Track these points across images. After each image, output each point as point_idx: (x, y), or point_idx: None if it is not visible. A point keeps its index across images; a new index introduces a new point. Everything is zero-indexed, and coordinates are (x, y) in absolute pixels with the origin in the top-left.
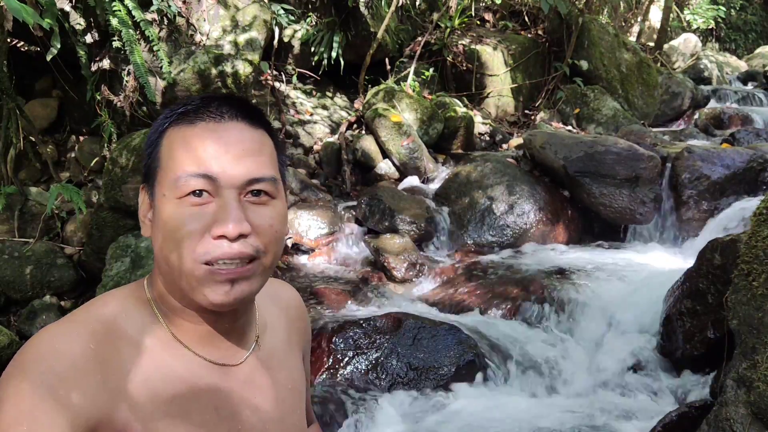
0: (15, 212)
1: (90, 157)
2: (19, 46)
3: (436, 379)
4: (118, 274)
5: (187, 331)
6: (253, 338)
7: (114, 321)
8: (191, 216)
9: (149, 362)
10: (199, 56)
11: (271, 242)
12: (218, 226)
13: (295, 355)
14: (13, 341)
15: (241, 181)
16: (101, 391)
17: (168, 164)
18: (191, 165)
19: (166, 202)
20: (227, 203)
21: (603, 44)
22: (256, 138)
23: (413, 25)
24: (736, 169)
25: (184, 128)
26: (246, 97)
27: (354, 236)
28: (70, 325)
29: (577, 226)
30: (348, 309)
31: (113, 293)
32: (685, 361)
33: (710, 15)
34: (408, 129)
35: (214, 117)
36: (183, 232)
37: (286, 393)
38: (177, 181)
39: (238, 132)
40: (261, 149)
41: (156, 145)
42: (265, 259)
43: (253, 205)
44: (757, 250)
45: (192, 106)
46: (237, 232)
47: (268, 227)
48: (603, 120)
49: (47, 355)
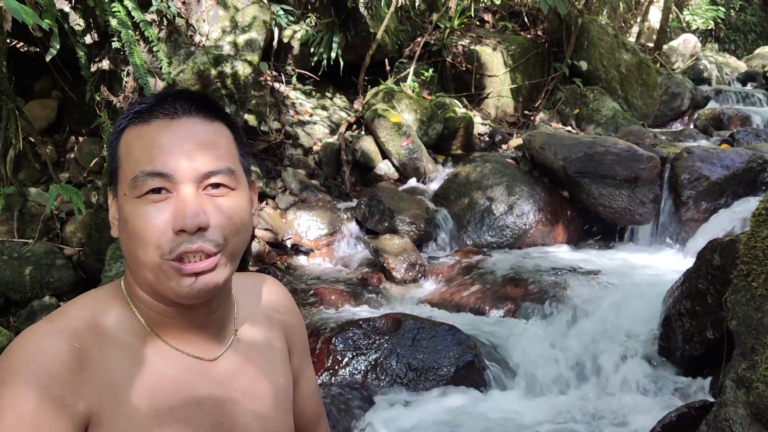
0: (14, 213)
1: (89, 157)
2: (18, 46)
3: (435, 380)
4: (117, 275)
5: (165, 326)
6: (231, 331)
7: (94, 319)
8: (152, 213)
9: (132, 359)
10: (198, 57)
11: (233, 232)
12: (177, 221)
13: (277, 349)
14: None
15: (196, 176)
16: (90, 389)
17: (126, 164)
18: (147, 164)
19: (127, 202)
20: (184, 198)
21: (602, 45)
22: (210, 131)
23: (413, 26)
24: (735, 170)
25: (139, 127)
26: (198, 92)
27: (353, 237)
28: (52, 324)
29: (576, 226)
30: (347, 309)
31: (91, 293)
32: (684, 361)
33: (710, 15)
34: (407, 129)
35: (167, 113)
36: (145, 230)
37: (267, 387)
38: (135, 181)
39: (192, 126)
40: (216, 142)
41: (115, 146)
42: (227, 251)
43: (211, 197)
44: (757, 251)
45: (146, 104)
46: (195, 225)
47: (227, 219)
48: (602, 120)
49: (36, 355)
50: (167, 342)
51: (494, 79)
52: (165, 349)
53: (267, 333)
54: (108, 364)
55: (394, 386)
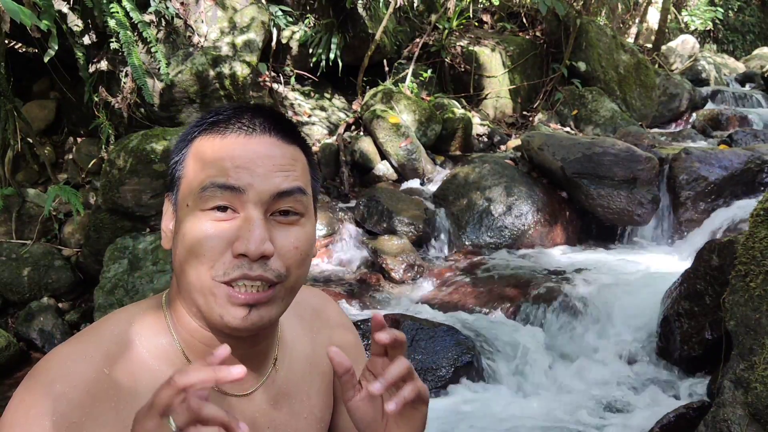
0: (13, 214)
1: (88, 158)
2: (16, 47)
3: (434, 380)
4: (115, 276)
5: (203, 354)
6: (271, 362)
7: (129, 342)
8: (214, 231)
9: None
10: (197, 58)
11: (295, 264)
12: (240, 244)
13: (318, 375)
14: (11, 343)
15: (268, 195)
16: (114, 417)
17: (194, 174)
18: (219, 176)
19: (188, 213)
20: (252, 220)
21: (601, 46)
22: (287, 154)
23: (411, 27)
24: (733, 171)
25: (214, 138)
26: (278, 111)
27: (352, 237)
28: (82, 346)
29: (575, 227)
30: (346, 310)
31: (129, 309)
32: (682, 362)
33: (708, 16)
34: (406, 130)
35: (245, 129)
36: (204, 247)
37: (300, 423)
38: (203, 192)
39: (270, 146)
40: (292, 165)
41: (184, 154)
42: (287, 283)
43: (279, 224)
44: (755, 251)
45: (223, 115)
46: (259, 253)
47: (293, 249)
48: (601, 121)
49: (59, 378)
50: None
51: (493, 80)
52: None
53: (308, 358)
54: (137, 393)
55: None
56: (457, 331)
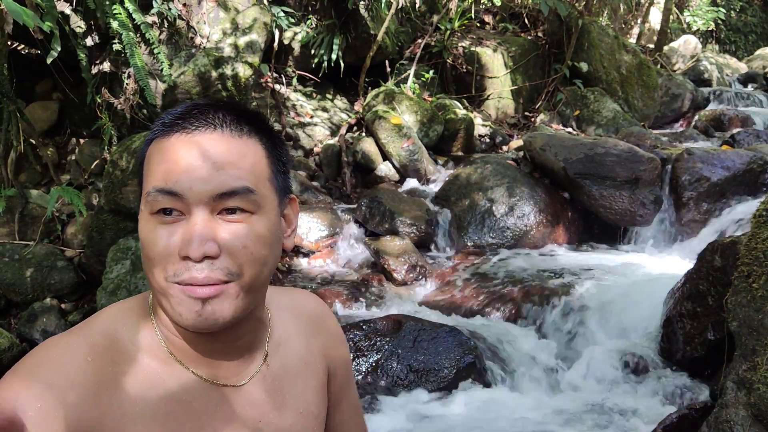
0: (15, 215)
1: (90, 159)
2: (19, 48)
3: (436, 381)
4: (118, 277)
5: (183, 348)
6: (261, 357)
7: (115, 333)
8: (161, 234)
9: (145, 380)
10: (199, 59)
11: (247, 263)
12: (183, 247)
13: (312, 373)
14: (14, 344)
15: (209, 197)
16: (90, 404)
17: (146, 179)
18: (160, 181)
19: (142, 218)
20: (193, 222)
21: (603, 46)
22: (234, 148)
23: (413, 28)
24: (736, 171)
25: (161, 140)
26: (235, 102)
27: (354, 238)
28: (71, 337)
29: (577, 227)
30: (348, 311)
31: (119, 304)
32: (685, 362)
33: (710, 17)
34: (408, 131)
35: (188, 127)
36: (154, 251)
37: (294, 417)
38: (147, 197)
39: (213, 143)
40: (239, 161)
41: (142, 159)
42: (242, 281)
43: (226, 223)
44: (757, 252)
45: (171, 115)
46: (200, 254)
47: (241, 248)
48: (603, 122)
49: (44, 366)
50: (187, 366)
51: (494, 81)
52: (183, 374)
53: (302, 357)
54: (119, 383)
55: (395, 388)
56: (459, 332)
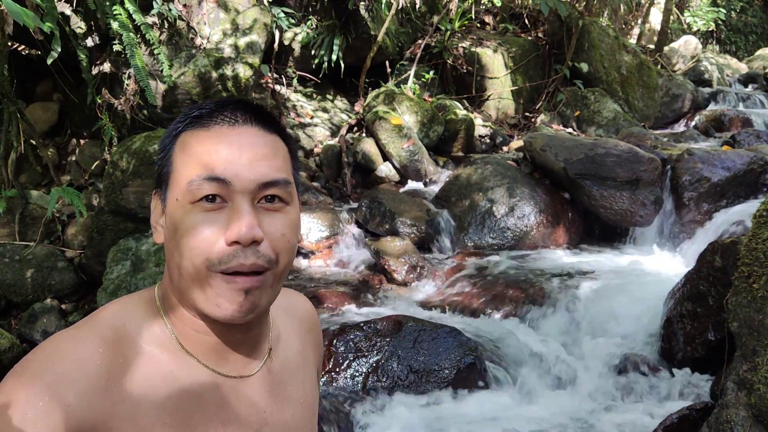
0: (16, 215)
1: (90, 160)
2: (19, 49)
3: (436, 382)
4: (118, 278)
5: (196, 341)
6: (266, 350)
7: (123, 327)
8: (204, 221)
9: (155, 372)
10: (199, 59)
11: (283, 251)
12: (231, 231)
13: (309, 368)
14: (14, 344)
15: (254, 185)
16: (101, 395)
17: (181, 168)
18: (204, 169)
19: (178, 207)
20: (241, 208)
21: (603, 46)
22: (269, 143)
23: (413, 28)
24: (736, 171)
25: (198, 132)
26: (257, 104)
27: (354, 239)
28: (79, 330)
29: (577, 228)
30: (348, 311)
31: (123, 300)
32: (685, 363)
33: (710, 17)
34: (408, 132)
35: (228, 121)
36: (197, 238)
37: (296, 408)
38: (190, 185)
39: (252, 136)
40: (275, 153)
41: (169, 149)
42: (277, 269)
43: (266, 211)
44: (758, 253)
45: (206, 110)
46: (250, 237)
47: (281, 236)
48: (603, 122)
49: (55, 360)
50: (197, 358)
51: (495, 81)
52: (193, 365)
53: (300, 353)
54: (130, 374)
55: (395, 388)
56: (459, 333)
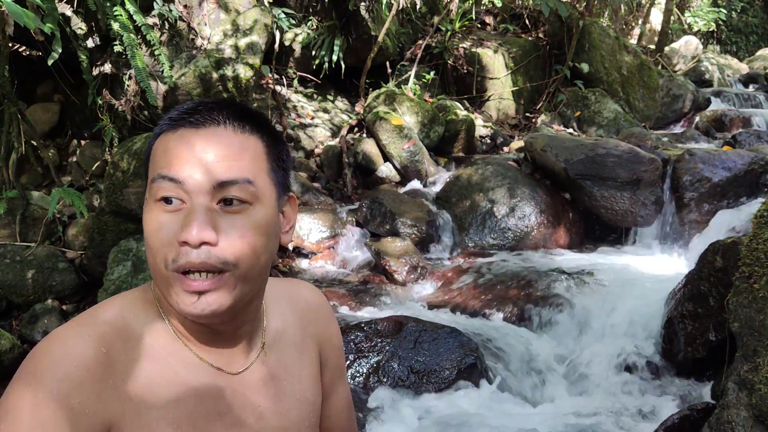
0: (17, 216)
1: (91, 161)
2: (20, 50)
3: (437, 382)
4: (119, 278)
5: (192, 335)
6: (259, 345)
7: (123, 323)
8: (162, 221)
9: (155, 366)
10: (200, 60)
11: (244, 254)
12: (182, 232)
13: (308, 362)
14: (15, 345)
15: (209, 186)
16: (113, 396)
17: (150, 170)
18: (164, 168)
19: (146, 206)
20: (193, 209)
21: (604, 47)
22: (236, 143)
23: (414, 29)
24: (737, 172)
25: (168, 134)
26: (239, 102)
27: (355, 239)
28: (79, 328)
29: (578, 228)
30: (349, 312)
31: (121, 296)
32: (686, 363)
33: (711, 17)
34: (409, 132)
35: (193, 123)
36: (155, 238)
37: (292, 403)
38: (152, 183)
39: (216, 137)
40: (240, 154)
41: (148, 153)
42: (237, 272)
43: (225, 213)
44: (758, 253)
45: (177, 112)
46: (198, 239)
47: (238, 237)
48: (604, 123)
49: (61, 360)
50: (194, 351)
51: (495, 82)
52: (191, 359)
53: (298, 346)
54: (133, 370)
55: (396, 389)
56: (460, 333)
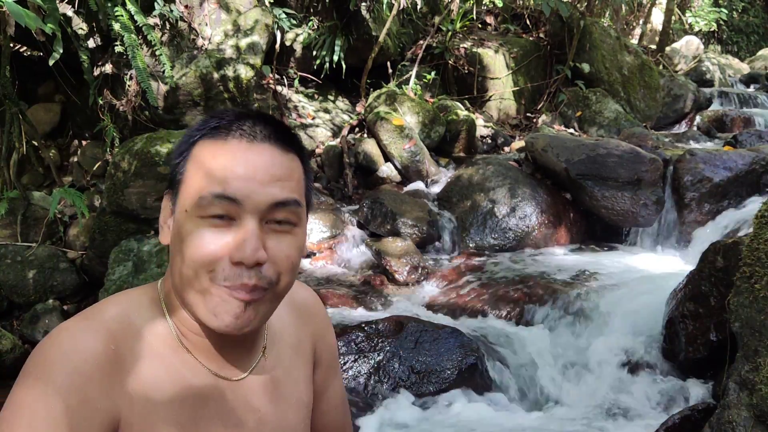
0: (18, 216)
1: (92, 161)
2: (21, 50)
3: (438, 383)
4: (120, 278)
5: (196, 342)
6: (260, 349)
7: (129, 321)
8: (211, 236)
9: (160, 366)
10: (201, 60)
11: (285, 272)
12: (237, 252)
13: (303, 363)
14: (16, 345)
15: (264, 206)
16: (123, 393)
17: (193, 179)
18: (218, 186)
19: (187, 218)
20: (248, 228)
21: (605, 47)
22: (285, 163)
23: (415, 29)
24: (738, 172)
25: (215, 143)
26: (278, 119)
27: (356, 239)
28: (87, 322)
29: (579, 228)
30: (350, 312)
31: (126, 294)
32: (687, 363)
33: (712, 17)
34: (410, 132)
35: (246, 136)
36: (203, 253)
37: (289, 406)
38: (201, 200)
39: (269, 156)
40: (290, 175)
41: (185, 156)
42: (278, 288)
43: (273, 233)
44: (759, 253)
45: (225, 120)
46: (254, 260)
47: (285, 258)
48: (605, 123)
49: (70, 354)
50: (195, 356)
51: (496, 82)
52: (193, 364)
53: (295, 347)
54: (140, 369)
55: (397, 389)
56: (461, 333)
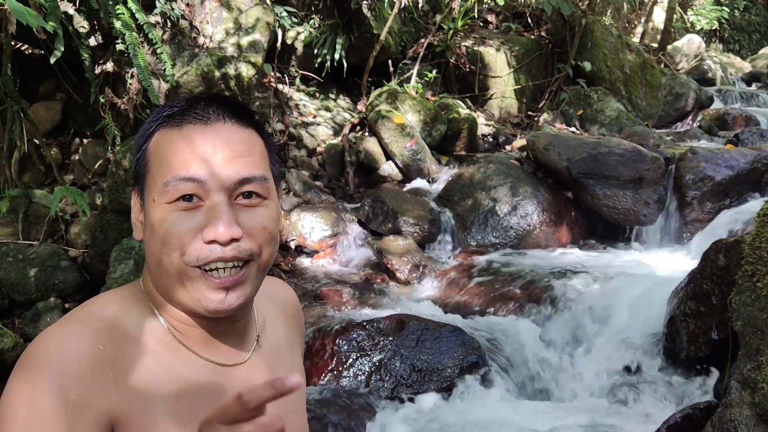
0: (19, 215)
1: (94, 159)
2: (22, 49)
3: (439, 381)
4: (122, 276)
5: (187, 333)
6: (254, 337)
7: (116, 320)
8: (182, 220)
9: (154, 362)
10: (202, 59)
11: (265, 243)
12: (209, 231)
13: (295, 352)
14: (18, 343)
15: (230, 183)
16: (117, 391)
17: (156, 169)
18: (180, 169)
19: (155, 207)
20: (217, 207)
21: (606, 45)
22: (244, 138)
23: (416, 27)
24: (740, 170)
25: (171, 131)
26: (231, 97)
27: (357, 238)
28: (74, 325)
29: (580, 227)
30: (351, 310)
31: (111, 293)
32: (689, 362)
33: (714, 16)
34: (411, 131)
35: (200, 118)
36: (174, 237)
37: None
38: (166, 186)
39: (226, 133)
40: (250, 149)
41: (144, 149)
42: (260, 261)
43: (244, 207)
44: (761, 251)
45: (178, 108)
46: (228, 237)
47: (261, 229)
48: (606, 121)
49: (58, 356)
50: (189, 348)
51: (498, 80)
52: (187, 355)
53: (286, 337)
54: (133, 366)
55: (398, 387)
56: (462, 332)
